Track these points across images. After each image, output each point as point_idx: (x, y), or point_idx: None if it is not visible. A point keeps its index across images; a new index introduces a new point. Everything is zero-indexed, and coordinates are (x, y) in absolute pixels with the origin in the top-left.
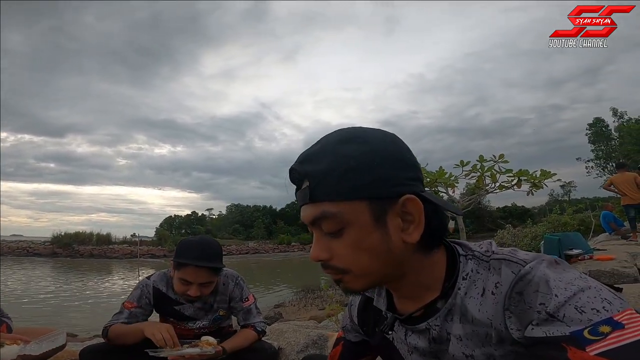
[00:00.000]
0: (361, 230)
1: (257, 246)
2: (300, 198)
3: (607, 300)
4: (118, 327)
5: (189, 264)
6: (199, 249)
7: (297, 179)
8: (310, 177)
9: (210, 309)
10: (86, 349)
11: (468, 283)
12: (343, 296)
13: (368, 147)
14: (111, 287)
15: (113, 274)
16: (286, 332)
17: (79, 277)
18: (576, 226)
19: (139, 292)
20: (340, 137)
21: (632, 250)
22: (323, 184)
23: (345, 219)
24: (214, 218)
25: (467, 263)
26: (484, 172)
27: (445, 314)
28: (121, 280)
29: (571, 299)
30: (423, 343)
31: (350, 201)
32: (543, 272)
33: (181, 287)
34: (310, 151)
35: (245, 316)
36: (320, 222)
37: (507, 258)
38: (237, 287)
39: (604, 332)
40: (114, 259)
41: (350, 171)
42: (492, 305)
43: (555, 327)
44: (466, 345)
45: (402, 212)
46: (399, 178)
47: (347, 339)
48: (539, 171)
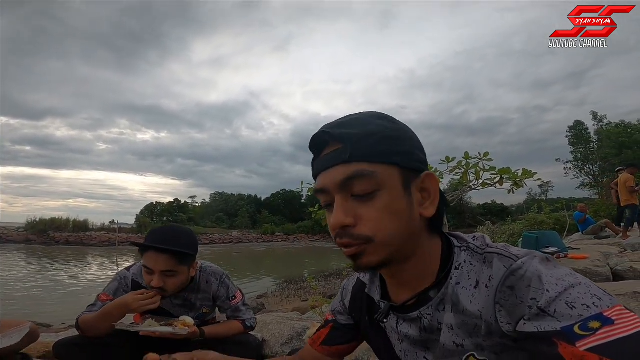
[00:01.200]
0: (392, 194)
1: (241, 235)
2: (330, 159)
3: (597, 297)
4: (87, 316)
5: (149, 246)
6: (162, 232)
7: (328, 142)
8: (347, 138)
9: (192, 307)
10: (59, 342)
11: (460, 273)
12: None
13: (398, 125)
14: (88, 276)
15: (90, 263)
16: (270, 323)
17: (54, 266)
18: (552, 225)
19: (116, 285)
20: (373, 114)
21: (604, 250)
22: (362, 145)
23: (380, 181)
24: (197, 206)
25: (460, 254)
26: (468, 169)
27: (438, 304)
28: (99, 269)
29: (562, 294)
30: (414, 332)
31: (386, 165)
32: (536, 268)
33: (146, 278)
34: (343, 120)
35: (234, 314)
36: (354, 182)
37: (500, 252)
38: (222, 286)
39: (594, 328)
40: (92, 247)
41: (387, 138)
42: (484, 298)
43: (547, 322)
44: (457, 334)
45: (421, 187)
46: (419, 156)
47: (337, 320)
48: (521, 170)
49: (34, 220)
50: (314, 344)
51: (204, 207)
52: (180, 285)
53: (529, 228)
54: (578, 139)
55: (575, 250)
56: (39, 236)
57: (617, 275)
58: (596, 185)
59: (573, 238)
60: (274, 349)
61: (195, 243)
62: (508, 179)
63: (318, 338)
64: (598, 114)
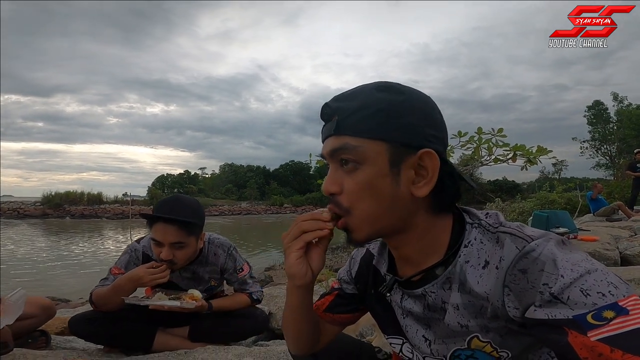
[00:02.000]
0: (374, 170)
1: (250, 207)
2: (326, 130)
3: (614, 284)
4: (100, 290)
5: (157, 217)
6: (169, 204)
7: (328, 114)
8: (340, 111)
9: (200, 280)
10: (74, 318)
11: (469, 251)
12: (333, 261)
13: (402, 97)
14: (104, 249)
15: (105, 235)
16: (277, 296)
17: (71, 240)
18: (563, 204)
19: (127, 258)
20: (377, 85)
21: (615, 233)
22: (351, 118)
23: (363, 155)
24: (207, 177)
25: (471, 231)
26: (480, 144)
27: (443, 282)
28: (114, 242)
29: (577, 280)
30: (418, 308)
31: (372, 140)
32: (551, 251)
33: (155, 250)
34: (345, 92)
35: (241, 286)
36: (340, 153)
37: (513, 232)
38: (229, 258)
39: (608, 318)
40: (106, 219)
41: (378, 112)
42: (493, 279)
43: (558, 309)
44: (462, 315)
45: (418, 165)
46: (423, 132)
47: (343, 288)
48: (536, 147)
49: (50, 194)
50: (317, 310)
51: (213, 178)
52: (189, 257)
53: (539, 207)
54: (597, 119)
55: (586, 232)
56: (55, 210)
57: (626, 260)
58: (612, 166)
59: (584, 219)
60: (280, 322)
61: (201, 213)
62: (522, 155)
63: (322, 304)
64: (619, 94)
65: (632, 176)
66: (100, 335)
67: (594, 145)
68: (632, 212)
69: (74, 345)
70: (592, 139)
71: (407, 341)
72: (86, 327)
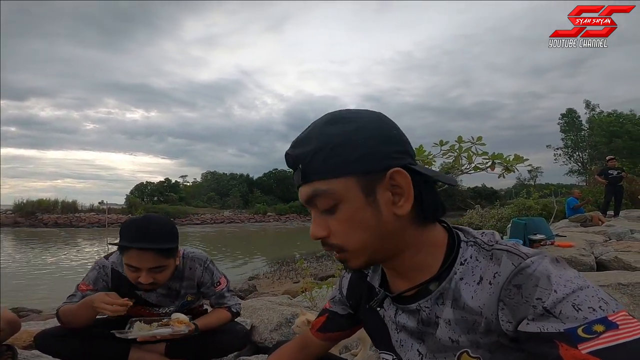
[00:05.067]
0: (353, 205)
1: (233, 215)
2: (296, 180)
3: (604, 300)
4: (67, 307)
5: (130, 246)
6: (140, 228)
7: (292, 163)
8: (301, 159)
9: (177, 295)
10: (41, 334)
11: (465, 269)
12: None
13: (353, 125)
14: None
15: (80, 245)
16: (259, 309)
17: (43, 249)
18: (539, 210)
19: (96, 274)
20: (326, 119)
21: (589, 238)
22: (312, 163)
23: (337, 196)
24: (189, 185)
25: (467, 249)
26: (461, 153)
27: (437, 297)
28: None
29: (570, 295)
30: (412, 323)
31: (339, 178)
32: (545, 267)
33: (131, 275)
34: (301, 136)
35: (219, 300)
36: (315, 200)
37: (509, 250)
38: (206, 271)
39: (598, 331)
40: (81, 228)
41: (335, 148)
42: (487, 295)
43: (550, 323)
44: (454, 330)
45: (392, 185)
46: (384, 153)
47: (334, 310)
48: (513, 155)
49: (22, 202)
50: (312, 329)
51: (195, 186)
52: (169, 276)
53: (517, 213)
54: (570, 127)
55: (562, 237)
56: (27, 218)
57: (601, 265)
58: (584, 172)
59: (559, 225)
60: (262, 335)
61: (176, 233)
62: (500, 163)
63: (315, 324)
64: (591, 102)
65: (602, 183)
66: (70, 353)
67: (567, 152)
68: (605, 218)
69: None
70: (565, 146)
71: (397, 357)
72: (54, 344)
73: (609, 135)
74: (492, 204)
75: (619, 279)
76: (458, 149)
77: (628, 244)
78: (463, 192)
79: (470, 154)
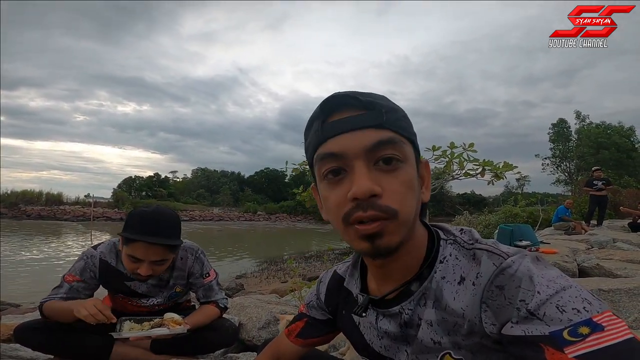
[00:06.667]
0: (412, 170)
1: (222, 213)
2: (359, 121)
3: (588, 301)
4: (52, 304)
5: (139, 240)
6: (152, 222)
7: (351, 105)
8: (376, 104)
9: (165, 285)
10: (21, 326)
11: (445, 267)
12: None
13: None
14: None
15: (63, 238)
16: (248, 307)
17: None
18: (525, 218)
19: (83, 264)
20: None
21: (572, 245)
22: (391, 115)
23: (405, 153)
24: (178, 181)
25: (446, 247)
26: (452, 159)
27: (419, 298)
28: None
29: (553, 297)
30: (394, 327)
31: (408, 140)
32: (527, 267)
33: (130, 265)
34: (362, 92)
35: (206, 293)
36: (386, 148)
37: (489, 249)
38: (197, 261)
39: (583, 334)
40: (65, 221)
41: (406, 117)
42: (470, 296)
43: (535, 325)
44: (435, 331)
45: (420, 172)
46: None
47: (311, 315)
48: (502, 163)
49: (6, 192)
50: (289, 335)
51: (185, 182)
52: (166, 269)
53: (504, 220)
54: (558, 137)
55: (546, 244)
56: (10, 210)
57: (583, 272)
58: (570, 182)
59: (544, 232)
60: (250, 333)
61: (180, 227)
62: (490, 170)
63: (293, 330)
64: (581, 113)
65: (588, 192)
66: (51, 346)
67: (555, 162)
68: (588, 227)
69: (20, 355)
70: (553, 156)
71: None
72: (35, 337)
73: (596, 146)
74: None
75: (600, 285)
76: (450, 154)
77: (610, 252)
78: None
79: (462, 160)
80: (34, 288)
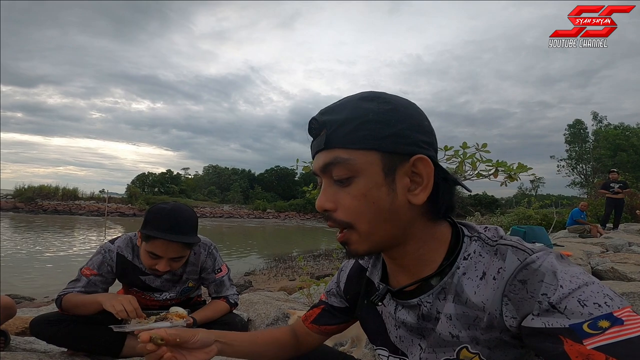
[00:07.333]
0: (370, 181)
1: (232, 210)
2: (316, 145)
3: (609, 297)
4: (73, 296)
5: (160, 237)
6: (171, 220)
7: (316, 128)
8: (328, 125)
9: (179, 280)
10: (36, 320)
11: (468, 264)
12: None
13: (389, 106)
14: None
15: (78, 233)
16: (257, 303)
17: (41, 235)
18: (539, 220)
19: (101, 258)
20: (363, 95)
21: (587, 249)
22: (339, 131)
23: (356, 167)
24: (190, 178)
25: (470, 244)
26: (465, 159)
27: (439, 292)
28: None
29: (575, 291)
30: (412, 319)
31: (363, 150)
32: (551, 263)
33: (149, 261)
34: (332, 105)
35: (218, 288)
36: (332, 168)
37: (515, 245)
38: (209, 256)
39: (603, 327)
40: (80, 216)
41: (367, 123)
42: (491, 290)
43: (555, 318)
44: (454, 325)
45: (412, 172)
46: (413, 139)
47: (330, 303)
48: (517, 164)
49: (23, 187)
50: (305, 321)
51: (196, 179)
52: (182, 264)
53: (517, 222)
54: (575, 138)
55: (560, 247)
56: (27, 204)
57: (597, 275)
58: (586, 185)
59: (558, 235)
60: (259, 329)
61: (197, 224)
62: (503, 171)
63: (310, 316)
64: (599, 114)
65: (605, 195)
66: (65, 338)
67: (570, 163)
68: (604, 230)
69: (34, 347)
70: (569, 158)
71: (391, 354)
72: (50, 330)
73: (614, 148)
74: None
75: (614, 288)
76: (462, 154)
77: (625, 256)
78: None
79: (475, 160)
80: (49, 282)
